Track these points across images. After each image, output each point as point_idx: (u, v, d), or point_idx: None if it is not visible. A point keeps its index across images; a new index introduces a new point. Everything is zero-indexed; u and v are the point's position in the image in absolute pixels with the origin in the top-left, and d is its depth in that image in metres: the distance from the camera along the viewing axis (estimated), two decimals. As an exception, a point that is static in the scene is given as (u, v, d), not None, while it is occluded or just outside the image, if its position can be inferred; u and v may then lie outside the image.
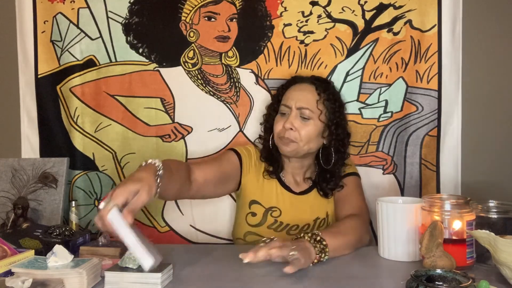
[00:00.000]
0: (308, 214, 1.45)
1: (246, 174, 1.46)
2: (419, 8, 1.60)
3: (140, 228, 1.69)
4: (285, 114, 1.42)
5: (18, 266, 0.98)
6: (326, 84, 1.48)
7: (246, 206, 1.46)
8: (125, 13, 1.67)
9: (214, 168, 1.37)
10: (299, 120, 1.40)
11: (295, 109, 1.40)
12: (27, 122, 1.71)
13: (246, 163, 1.47)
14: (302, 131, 1.39)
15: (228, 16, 1.64)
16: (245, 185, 1.46)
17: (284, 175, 1.49)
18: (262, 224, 1.44)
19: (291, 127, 1.39)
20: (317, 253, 1.12)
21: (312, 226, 1.45)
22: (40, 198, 1.62)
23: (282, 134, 1.41)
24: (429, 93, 1.62)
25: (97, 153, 1.71)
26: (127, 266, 1.03)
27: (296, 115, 1.40)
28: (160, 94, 1.68)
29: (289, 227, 1.44)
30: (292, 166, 1.48)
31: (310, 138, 1.40)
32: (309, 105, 1.40)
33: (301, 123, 1.40)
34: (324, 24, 1.63)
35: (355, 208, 1.40)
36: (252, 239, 1.43)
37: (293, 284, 1.03)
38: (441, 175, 1.63)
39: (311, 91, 1.43)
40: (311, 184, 1.48)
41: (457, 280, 0.92)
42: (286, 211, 1.45)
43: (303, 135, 1.39)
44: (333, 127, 1.43)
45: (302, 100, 1.41)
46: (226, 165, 1.43)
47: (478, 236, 1.01)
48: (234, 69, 1.66)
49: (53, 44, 1.69)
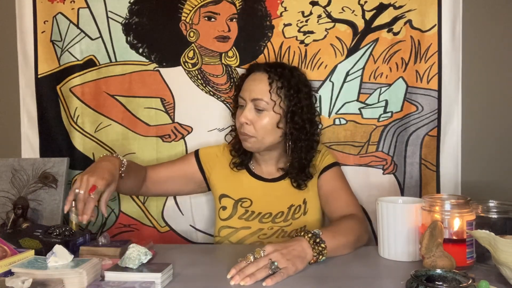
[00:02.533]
0: (282, 201, 1.43)
1: (210, 173, 1.48)
2: (419, 8, 1.60)
3: (140, 228, 1.71)
4: (242, 106, 1.39)
5: (18, 266, 0.98)
6: (281, 70, 1.38)
7: (217, 201, 1.47)
8: (125, 13, 1.67)
9: (168, 167, 1.49)
10: (254, 113, 1.36)
11: (249, 101, 1.36)
12: (27, 122, 1.72)
13: (207, 162, 1.49)
14: (257, 125, 1.35)
15: (228, 16, 1.64)
16: (212, 183, 1.48)
17: (254, 166, 1.49)
18: (233, 216, 1.43)
19: (246, 121, 1.36)
20: (314, 254, 1.11)
21: (286, 214, 1.42)
22: (40, 198, 1.62)
23: (241, 129, 1.39)
24: (429, 93, 1.62)
25: (97, 153, 1.71)
26: (127, 266, 1.03)
27: (251, 107, 1.36)
28: (160, 94, 1.68)
29: (261, 215, 1.42)
30: (262, 158, 1.47)
31: (266, 131, 1.36)
32: (263, 96, 1.34)
33: (256, 115, 1.36)
34: (324, 24, 1.63)
35: (349, 204, 1.38)
36: (225, 233, 1.42)
37: (293, 284, 1.03)
38: (441, 175, 1.63)
39: (264, 80, 1.36)
40: (283, 172, 1.46)
41: (457, 280, 0.93)
42: (257, 200, 1.44)
43: (258, 129, 1.35)
44: (289, 115, 1.36)
45: (255, 90, 1.36)
46: (180, 165, 1.50)
47: (478, 236, 1.01)
48: (234, 69, 1.66)
49: (53, 44, 1.69)
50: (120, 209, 1.71)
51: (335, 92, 1.64)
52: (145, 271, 1.01)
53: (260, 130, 1.36)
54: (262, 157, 1.46)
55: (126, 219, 1.71)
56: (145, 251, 1.05)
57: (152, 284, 0.97)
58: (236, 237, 1.41)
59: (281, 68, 1.40)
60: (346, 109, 1.64)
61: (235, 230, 1.41)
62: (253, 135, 1.36)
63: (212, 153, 1.51)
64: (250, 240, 1.41)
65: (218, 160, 1.49)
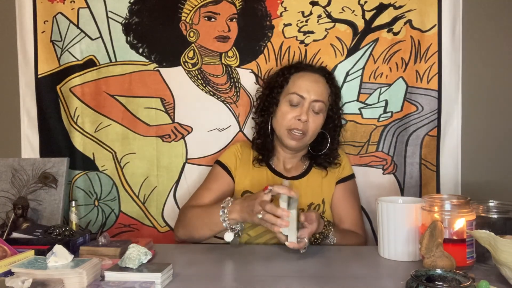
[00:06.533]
0: (303, 199, 1.44)
1: (235, 174, 1.49)
2: (419, 8, 1.60)
3: (140, 228, 1.71)
4: (297, 105, 1.41)
5: (18, 266, 0.98)
6: (333, 77, 1.51)
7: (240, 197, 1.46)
8: (125, 13, 1.67)
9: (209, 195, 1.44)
10: (311, 113, 1.41)
11: (309, 101, 1.40)
12: (27, 122, 1.71)
13: (232, 166, 1.49)
14: (312, 125, 1.41)
15: (228, 16, 1.64)
16: (237, 181, 1.48)
17: (274, 163, 1.50)
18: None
19: (306, 119, 1.39)
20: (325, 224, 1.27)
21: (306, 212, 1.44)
22: (40, 198, 1.62)
23: (294, 126, 1.40)
24: (429, 93, 1.62)
25: (97, 153, 1.71)
26: (127, 266, 1.03)
27: (309, 107, 1.40)
28: (160, 94, 1.68)
29: None
30: (285, 156, 1.50)
31: (314, 132, 1.43)
32: (324, 99, 1.42)
33: (313, 116, 1.41)
34: (324, 24, 1.63)
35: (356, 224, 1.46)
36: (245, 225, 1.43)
37: (293, 284, 1.03)
38: (441, 175, 1.63)
39: (324, 83, 1.44)
40: (304, 170, 1.49)
41: (457, 280, 0.93)
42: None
43: (312, 129, 1.41)
44: (337, 120, 1.48)
45: (317, 92, 1.41)
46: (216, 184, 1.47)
47: (478, 236, 1.01)
48: (234, 69, 1.66)
49: (53, 44, 1.69)
50: (120, 209, 1.71)
51: (335, 92, 1.64)
52: (145, 271, 1.01)
53: (312, 130, 1.41)
54: (286, 154, 1.49)
55: (126, 219, 1.71)
56: (145, 251, 1.05)
57: (152, 284, 0.97)
58: (255, 231, 1.41)
59: (332, 75, 1.52)
60: (346, 109, 1.64)
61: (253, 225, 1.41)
62: (307, 133, 1.41)
63: (232, 154, 1.52)
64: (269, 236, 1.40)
65: (238, 159, 1.50)
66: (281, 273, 1.10)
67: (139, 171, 1.70)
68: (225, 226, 1.24)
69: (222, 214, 1.24)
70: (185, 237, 1.38)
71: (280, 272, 1.10)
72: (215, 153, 1.67)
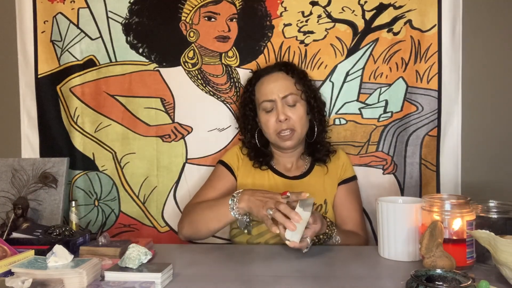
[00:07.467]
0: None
1: (237, 173, 1.50)
2: (419, 8, 1.60)
3: (140, 228, 1.71)
4: (272, 109, 1.44)
5: (18, 266, 0.98)
6: (289, 64, 1.52)
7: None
8: (125, 13, 1.67)
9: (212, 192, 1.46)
10: (287, 109, 1.43)
11: (279, 100, 1.43)
12: (27, 122, 1.72)
13: (235, 166, 1.51)
14: (294, 117, 1.43)
15: (228, 16, 1.64)
16: (239, 182, 1.50)
17: (275, 164, 1.52)
18: None
19: (286, 118, 1.41)
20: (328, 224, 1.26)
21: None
22: (40, 198, 1.62)
23: (280, 129, 1.43)
24: (429, 93, 1.62)
25: (97, 153, 1.71)
26: (127, 266, 1.03)
27: (283, 104, 1.43)
28: (160, 94, 1.68)
29: None
30: (283, 156, 1.52)
31: (302, 122, 1.45)
32: (290, 91, 1.44)
33: (290, 110, 1.43)
34: (324, 24, 1.63)
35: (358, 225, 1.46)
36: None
37: (293, 284, 1.03)
38: (441, 175, 1.63)
39: (284, 77, 1.46)
40: (305, 170, 1.50)
41: (457, 280, 0.93)
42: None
43: (296, 121, 1.43)
44: (313, 100, 1.48)
45: (282, 88, 1.44)
46: (219, 183, 1.49)
47: (478, 236, 1.01)
48: (234, 69, 1.66)
49: (53, 44, 1.69)
50: (120, 209, 1.71)
51: (335, 92, 1.65)
52: (145, 271, 1.01)
53: (298, 122, 1.43)
54: (285, 155, 1.50)
55: (126, 219, 1.71)
56: (145, 251, 1.05)
57: (152, 284, 0.97)
58: (257, 230, 1.41)
59: (290, 64, 1.53)
60: (346, 109, 1.64)
61: (257, 222, 1.41)
62: (294, 128, 1.42)
63: (234, 154, 1.54)
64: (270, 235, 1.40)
65: (240, 159, 1.53)
66: (281, 273, 1.10)
67: (139, 171, 1.70)
68: (233, 215, 1.25)
69: (231, 203, 1.25)
70: (190, 234, 1.37)
71: (280, 272, 1.10)
72: (215, 153, 1.67)
